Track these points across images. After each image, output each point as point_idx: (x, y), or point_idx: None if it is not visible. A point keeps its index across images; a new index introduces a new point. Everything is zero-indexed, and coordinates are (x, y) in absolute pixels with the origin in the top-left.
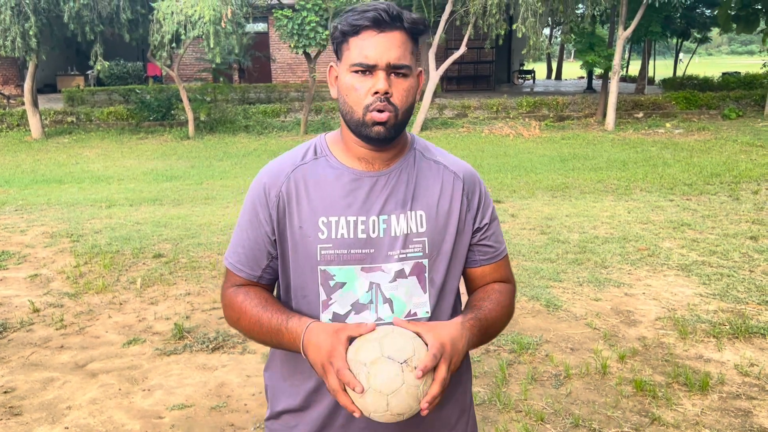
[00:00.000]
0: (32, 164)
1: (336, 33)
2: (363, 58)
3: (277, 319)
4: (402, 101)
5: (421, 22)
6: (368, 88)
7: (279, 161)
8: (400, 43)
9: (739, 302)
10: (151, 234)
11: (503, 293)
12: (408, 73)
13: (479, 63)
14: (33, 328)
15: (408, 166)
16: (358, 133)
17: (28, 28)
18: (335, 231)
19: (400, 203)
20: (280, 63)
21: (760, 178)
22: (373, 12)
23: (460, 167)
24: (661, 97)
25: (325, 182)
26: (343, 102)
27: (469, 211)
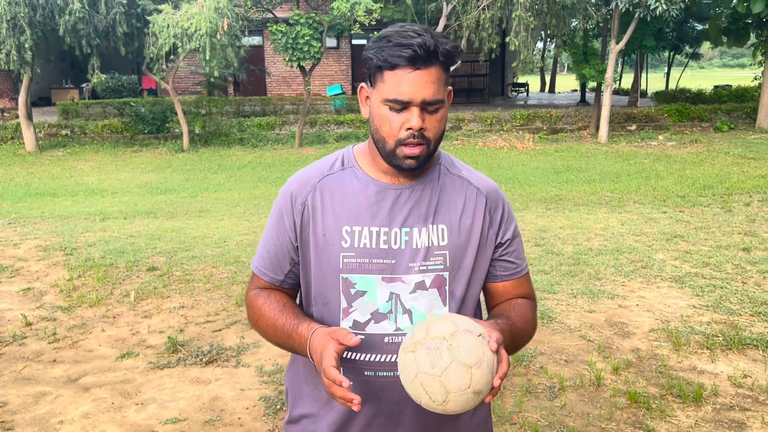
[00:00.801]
0: (26, 177)
1: (370, 63)
2: (398, 95)
3: (290, 323)
4: (434, 134)
5: (456, 52)
6: (402, 122)
7: (307, 171)
8: (434, 79)
9: (732, 314)
10: (145, 247)
11: (526, 308)
12: (441, 106)
13: (473, 76)
14: (25, 341)
15: (432, 180)
16: (389, 161)
17: (24, 41)
18: (358, 240)
19: (423, 216)
20: (275, 76)
21: (752, 190)
22: (408, 50)
23: (484, 183)
24: (654, 110)
25: (351, 193)
26: (376, 130)
27: (492, 227)
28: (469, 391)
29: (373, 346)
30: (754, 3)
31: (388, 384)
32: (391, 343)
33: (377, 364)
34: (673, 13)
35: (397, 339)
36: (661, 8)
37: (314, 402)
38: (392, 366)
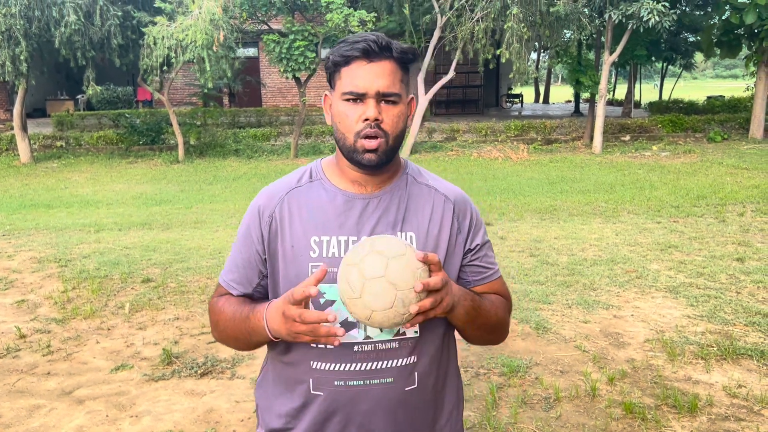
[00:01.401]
0: (20, 189)
1: (328, 63)
2: (353, 87)
3: (247, 309)
4: (392, 127)
5: (410, 51)
6: (359, 115)
7: (275, 184)
8: (389, 72)
9: (727, 324)
10: (140, 258)
11: (498, 299)
12: (397, 100)
13: (468, 87)
14: (19, 354)
15: (400, 189)
16: (350, 158)
17: (19, 52)
18: (326, 250)
19: (391, 224)
20: (271, 87)
21: (746, 200)
22: (362, 43)
23: (451, 191)
24: (648, 121)
25: (319, 204)
26: (336, 129)
27: (460, 233)
28: (383, 280)
29: (343, 356)
30: (746, 14)
31: (360, 393)
32: (360, 351)
33: (347, 373)
34: (666, 25)
35: (367, 347)
36: (653, 20)
37: (284, 417)
38: (363, 375)
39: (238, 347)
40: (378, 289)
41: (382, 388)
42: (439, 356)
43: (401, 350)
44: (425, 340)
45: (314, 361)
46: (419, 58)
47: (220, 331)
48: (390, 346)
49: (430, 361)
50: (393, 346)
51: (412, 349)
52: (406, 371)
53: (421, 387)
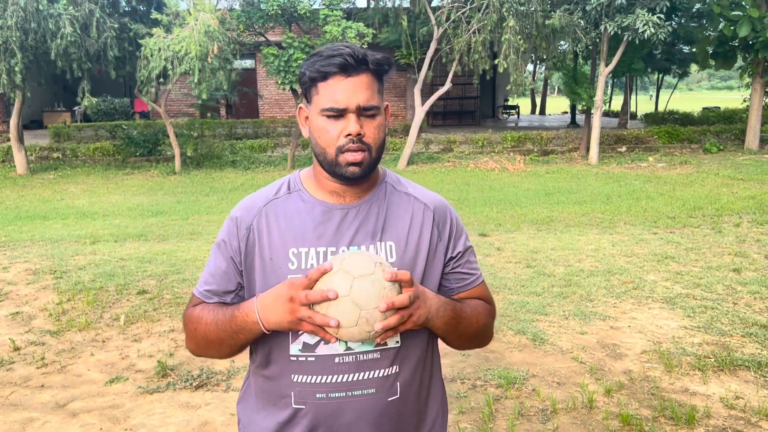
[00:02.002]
0: (16, 200)
1: (304, 78)
2: (333, 103)
3: (230, 310)
4: (374, 139)
5: (386, 62)
6: (340, 130)
7: (253, 196)
8: (367, 86)
9: (724, 334)
10: (136, 270)
11: (481, 304)
12: (377, 112)
13: (464, 98)
14: (13, 366)
15: (379, 198)
16: (332, 172)
17: (15, 64)
18: (305, 261)
19: (370, 234)
20: (268, 99)
21: (742, 210)
22: (339, 58)
23: (431, 198)
24: (644, 132)
25: (297, 215)
26: (316, 143)
27: (441, 241)
28: (348, 299)
29: (324, 368)
30: (740, 26)
31: (342, 405)
32: (341, 363)
33: (329, 385)
34: (661, 37)
35: (348, 359)
36: (649, 32)
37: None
38: (344, 386)
39: (221, 352)
40: (342, 308)
41: (365, 400)
42: (421, 365)
43: (383, 361)
44: (407, 349)
45: (295, 374)
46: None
47: (199, 338)
48: (371, 356)
49: (412, 370)
50: (374, 357)
51: (393, 359)
52: (389, 382)
53: (404, 397)
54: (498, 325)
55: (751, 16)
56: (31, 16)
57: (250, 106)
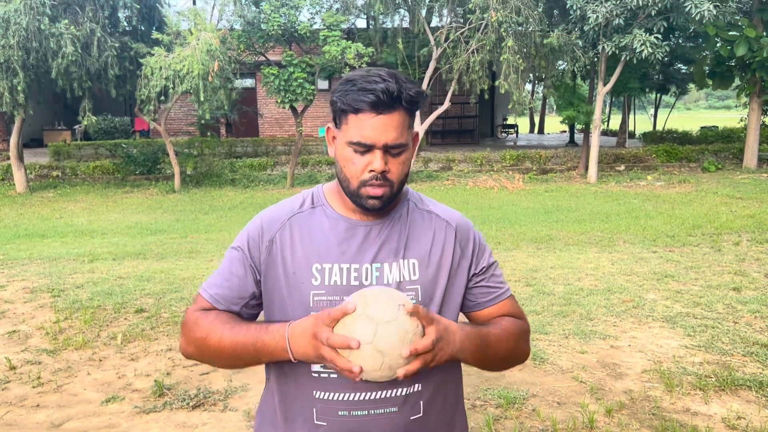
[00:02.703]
0: (15, 218)
1: (336, 106)
2: (361, 138)
3: (255, 328)
4: (398, 176)
5: (419, 97)
6: (365, 164)
7: (277, 207)
8: (398, 124)
9: (725, 354)
10: (134, 288)
11: (512, 323)
12: (404, 150)
13: (463, 117)
14: (8, 386)
15: (401, 216)
16: (354, 201)
17: (17, 83)
18: (328, 278)
19: (393, 252)
20: (268, 118)
21: (741, 229)
22: (372, 95)
23: (453, 216)
24: (642, 151)
25: (321, 230)
26: (340, 170)
27: (464, 258)
28: (371, 346)
29: (346, 385)
30: (738, 46)
31: (364, 423)
32: (364, 381)
33: (351, 402)
34: (659, 56)
35: None
36: (646, 51)
37: None
38: (366, 404)
39: (226, 366)
40: (365, 354)
41: (387, 418)
42: (445, 384)
43: (406, 379)
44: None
45: (317, 391)
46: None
47: (207, 347)
48: None
49: (435, 389)
50: None
51: (416, 377)
52: (411, 400)
53: (427, 416)
54: None
55: (747, 36)
56: (33, 36)
57: (250, 125)
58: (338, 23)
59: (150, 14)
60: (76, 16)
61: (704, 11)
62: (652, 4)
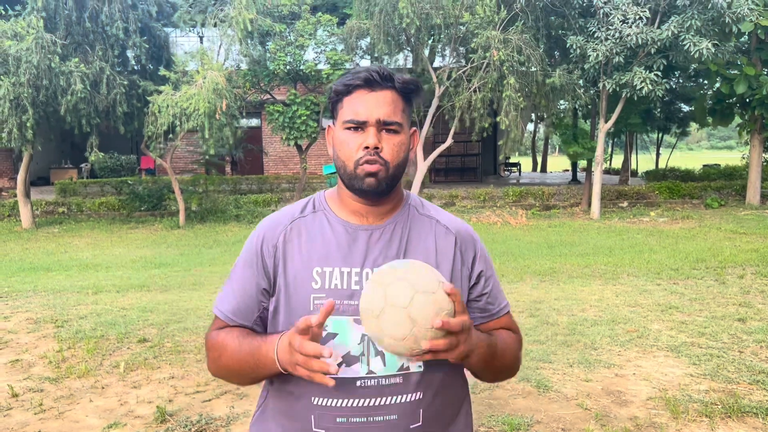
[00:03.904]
0: (20, 253)
1: (331, 94)
2: (354, 115)
3: (256, 341)
4: (392, 156)
5: (413, 82)
6: (359, 143)
7: (278, 214)
8: (390, 101)
9: (730, 382)
10: (137, 319)
11: (510, 337)
12: (398, 129)
13: (466, 156)
14: (10, 413)
15: (402, 220)
16: (351, 186)
17: (26, 120)
18: (329, 281)
19: (393, 256)
20: (272, 156)
21: (745, 263)
22: (365, 73)
23: (453, 223)
24: (645, 187)
25: (321, 234)
26: (337, 157)
27: (464, 266)
28: (405, 311)
29: (345, 391)
30: (737, 84)
31: (362, 429)
32: (363, 387)
33: (350, 409)
34: (659, 93)
35: (370, 383)
36: (647, 88)
37: None
38: (365, 411)
39: (240, 382)
40: (397, 318)
41: (386, 426)
42: (445, 393)
43: (405, 386)
44: (431, 375)
45: (316, 397)
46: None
47: (224, 365)
48: (394, 381)
49: (435, 397)
50: (397, 382)
51: (416, 384)
52: (411, 408)
53: (426, 425)
54: None
55: (747, 74)
56: (44, 74)
57: (254, 163)
58: (342, 62)
59: (158, 53)
60: (86, 55)
61: (703, 49)
62: (651, 43)
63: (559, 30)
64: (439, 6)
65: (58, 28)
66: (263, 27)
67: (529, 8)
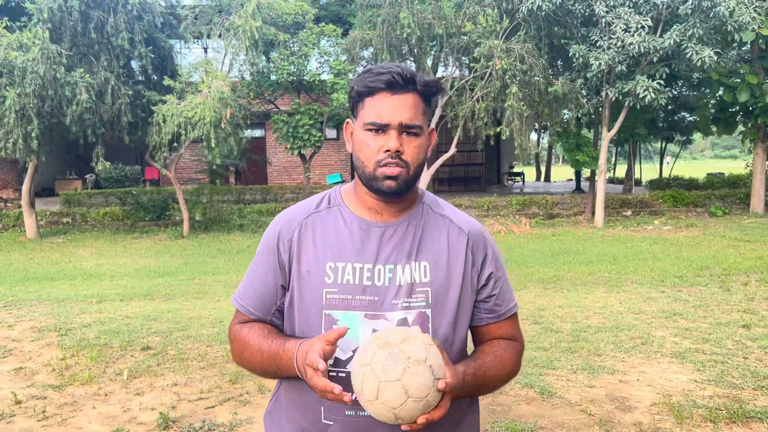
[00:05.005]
0: (25, 263)
1: (352, 93)
2: (376, 118)
3: (276, 344)
4: (413, 158)
5: (434, 84)
6: (380, 145)
7: (294, 209)
8: (412, 105)
9: (735, 388)
10: (140, 327)
11: (508, 350)
12: (419, 132)
13: (469, 165)
14: (14, 420)
15: (416, 218)
16: (370, 186)
17: (31, 130)
18: (341, 276)
19: (406, 253)
20: (276, 166)
21: (750, 270)
22: (387, 75)
23: (467, 223)
24: (649, 196)
25: (336, 230)
26: (357, 157)
27: (474, 266)
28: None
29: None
30: (740, 93)
31: (371, 423)
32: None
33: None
34: (662, 102)
35: None
36: (649, 97)
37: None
38: None
39: (266, 377)
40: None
41: None
42: None
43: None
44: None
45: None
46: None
47: (246, 360)
48: None
49: None
50: None
51: None
52: None
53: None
54: None
55: (749, 82)
56: (49, 84)
57: (258, 173)
58: (346, 71)
59: (163, 64)
60: (91, 66)
61: (705, 57)
62: (654, 51)
63: (562, 39)
64: (441, 16)
65: (64, 39)
66: (268, 36)
67: (532, 18)
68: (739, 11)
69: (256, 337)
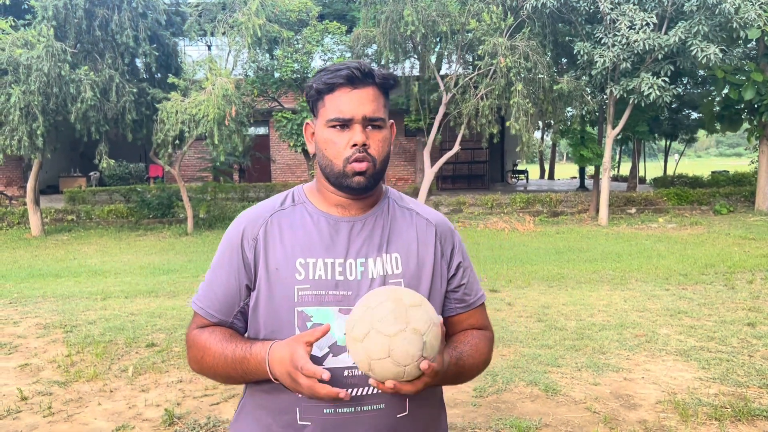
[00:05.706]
0: (30, 260)
1: (311, 92)
2: (339, 113)
3: (241, 348)
4: (379, 151)
5: (391, 77)
6: (346, 141)
7: (257, 207)
8: (373, 98)
9: (740, 386)
10: (145, 324)
11: (482, 340)
12: (382, 125)
13: (473, 163)
14: (19, 416)
15: (383, 212)
16: (339, 184)
17: (36, 128)
18: (313, 272)
19: (377, 246)
20: (280, 163)
21: (755, 268)
22: (346, 70)
23: (433, 215)
24: (653, 194)
25: (303, 226)
26: (322, 155)
27: (443, 256)
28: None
29: (332, 381)
30: (745, 90)
31: (350, 420)
32: (351, 376)
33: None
34: (667, 99)
35: (358, 372)
36: (654, 94)
37: None
38: (353, 401)
39: (226, 384)
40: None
41: (374, 415)
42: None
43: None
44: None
45: None
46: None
47: (206, 366)
48: None
49: None
50: None
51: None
52: (398, 397)
53: (413, 414)
54: (510, 377)
55: (755, 80)
56: (54, 81)
57: (262, 171)
58: None
59: (167, 61)
60: (96, 63)
61: (710, 54)
62: (659, 48)
63: (566, 36)
64: (446, 13)
65: (68, 37)
66: (271, 33)
67: (536, 15)
68: (745, 8)
69: (217, 341)
